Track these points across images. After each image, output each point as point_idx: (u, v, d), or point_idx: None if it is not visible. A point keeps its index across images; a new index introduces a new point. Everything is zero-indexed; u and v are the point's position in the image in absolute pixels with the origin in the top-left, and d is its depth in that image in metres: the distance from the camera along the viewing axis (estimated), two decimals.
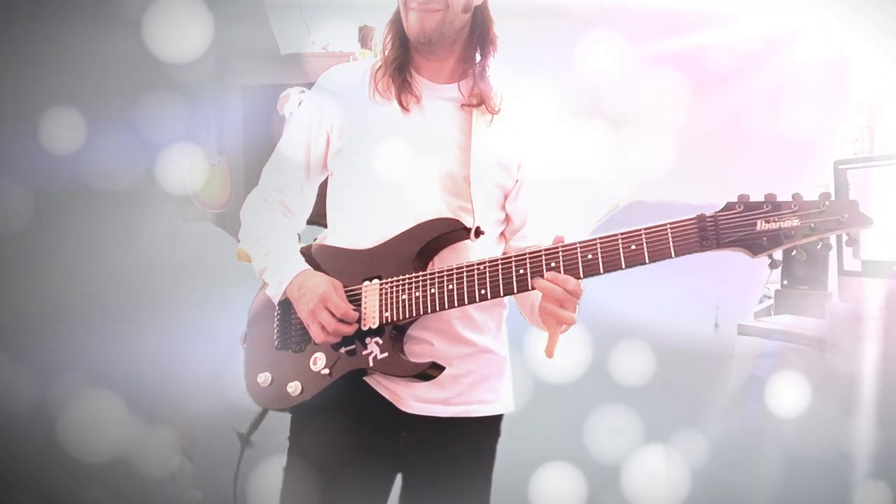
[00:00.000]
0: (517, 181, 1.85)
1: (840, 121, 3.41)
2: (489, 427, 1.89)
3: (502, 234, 1.89)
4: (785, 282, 3.09)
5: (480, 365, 1.83)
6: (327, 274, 1.81)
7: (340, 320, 1.73)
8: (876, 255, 2.78)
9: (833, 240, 1.53)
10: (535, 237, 1.71)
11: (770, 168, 3.36)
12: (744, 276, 3.33)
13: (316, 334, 1.75)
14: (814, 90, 3.48)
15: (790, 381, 2.93)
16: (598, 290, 3.08)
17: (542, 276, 1.62)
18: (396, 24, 1.84)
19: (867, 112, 3.30)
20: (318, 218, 1.97)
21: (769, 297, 3.28)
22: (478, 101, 1.82)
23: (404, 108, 1.80)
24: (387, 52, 1.85)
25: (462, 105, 1.82)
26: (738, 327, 3.09)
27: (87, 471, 3.12)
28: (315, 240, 1.94)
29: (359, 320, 1.75)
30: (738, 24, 3.48)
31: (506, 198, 1.86)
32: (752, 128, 3.54)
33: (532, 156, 1.85)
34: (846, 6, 3.23)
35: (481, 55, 1.85)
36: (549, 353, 1.65)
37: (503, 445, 1.94)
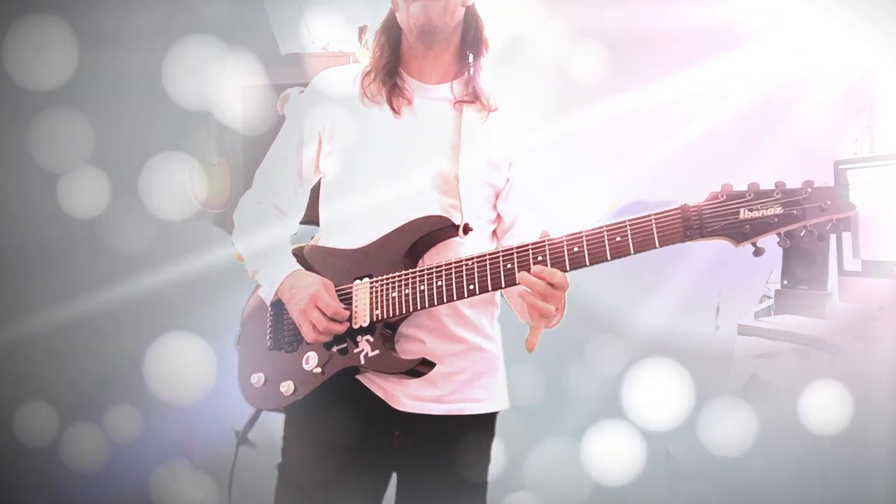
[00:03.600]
0: (508, 180, 1.86)
1: (840, 121, 3.40)
2: (483, 425, 1.89)
3: (494, 233, 1.90)
4: (785, 282, 3.08)
5: (473, 363, 1.83)
6: (319, 274, 1.81)
7: (332, 319, 1.73)
8: (876, 255, 2.77)
9: (833, 235, 1.53)
10: (525, 237, 1.70)
11: (770, 168, 3.35)
12: (744, 277, 3.33)
13: (307, 333, 1.75)
14: (814, 91, 3.48)
15: (790, 381, 2.93)
16: (599, 290, 3.09)
17: (528, 270, 1.62)
18: (388, 31, 1.86)
19: (867, 112, 3.29)
20: (314, 218, 1.97)
21: (769, 297, 3.27)
22: (472, 98, 1.84)
23: (396, 111, 1.82)
24: (376, 57, 1.86)
25: (455, 104, 1.84)
26: (738, 327, 3.09)
27: (86, 470, 3.13)
28: (312, 239, 1.95)
29: (350, 319, 1.75)
30: (739, 27, 3.47)
31: (497, 197, 1.87)
32: (752, 129, 3.54)
33: (523, 156, 1.86)
34: (847, 8, 3.22)
35: (474, 55, 1.86)
36: (530, 346, 1.66)
37: (499, 444, 1.94)
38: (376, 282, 1.75)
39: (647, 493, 3.28)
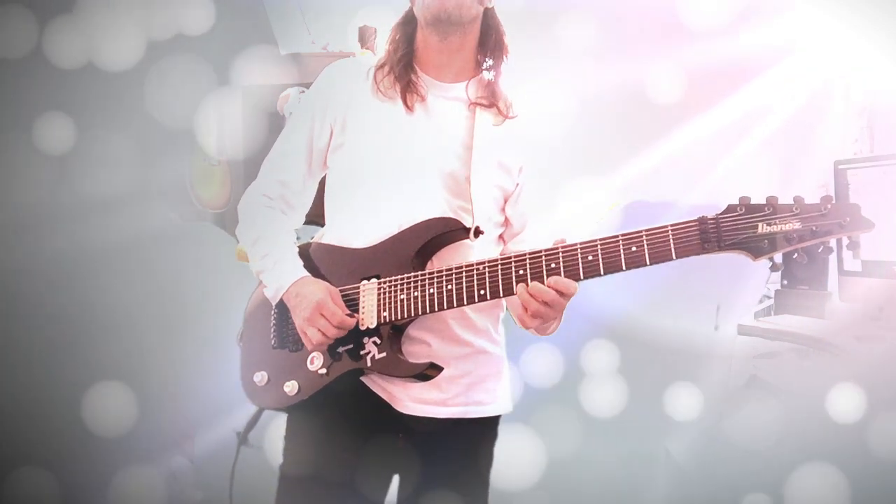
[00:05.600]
0: (518, 185, 1.85)
1: (840, 121, 3.41)
2: (487, 428, 1.89)
3: (501, 237, 1.89)
4: (785, 282, 3.08)
5: (478, 366, 1.82)
6: (325, 272, 1.80)
7: (337, 328, 1.71)
8: (876, 255, 2.78)
9: (834, 242, 1.53)
10: (533, 242, 1.70)
11: (771, 168, 3.36)
12: (744, 277, 3.33)
13: (309, 341, 1.73)
14: (814, 91, 3.48)
15: (790, 381, 2.93)
16: (599, 291, 3.09)
17: (541, 277, 1.61)
18: (404, 26, 1.85)
19: (867, 112, 3.30)
20: (316, 217, 1.96)
21: (769, 297, 3.28)
22: (489, 102, 1.82)
23: (409, 108, 1.80)
24: (391, 51, 1.85)
25: (470, 105, 1.82)
26: (738, 327, 3.08)
27: (86, 469, 3.12)
28: (312, 238, 1.92)
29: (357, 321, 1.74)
30: (739, 27, 3.47)
31: (506, 201, 1.85)
32: (753, 129, 3.54)
33: (534, 161, 1.85)
34: (847, 8, 3.23)
35: (493, 59, 1.85)
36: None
37: (501, 446, 1.93)
38: (384, 283, 1.74)
39: (647, 492, 3.29)
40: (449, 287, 1.68)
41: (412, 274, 1.72)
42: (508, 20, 1.89)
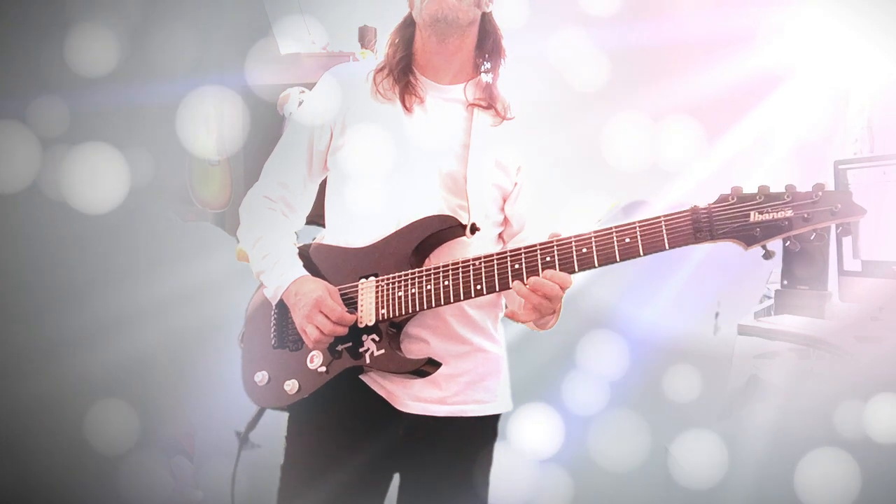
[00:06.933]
0: (516, 184, 1.86)
1: (840, 121, 3.41)
2: (486, 427, 1.88)
3: (500, 236, 1.90)
4: (785, 282, 3.08)
5: (476, 364, 1.83)
6: (324, 272, 1.82)
7: (336, 323, 1.72)
8: (876, 255, 2.78)
9: (833, 230, 1.53)
10: (532, 242, 1.68)
11: (770, 168, 3.36)
12: (744, 277, 3.34)
13: (308, 338, 1.74)
14: (814, 91, 3.49)
15: (790, 381, 2.93)
16: (600, 290, 3.09)
17: (537, 271, 1.62)
18: (403, 30, 1.87)
19: (867, 112, 3.30)
20: (317, 218, 1.97)
21: (769, 297, 3.28)
22: (487, 103, 1.84)
23: (407, 109, 1.82)
24: (390, 54, 1.87)
25: (468, 106, 1.84)
26: (738, 327, 3.08)
27: (86, 469, 3.12)
28: (314, 239, 1.94)
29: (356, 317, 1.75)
30: (738, 29, 3.48)
31: (504, 200, 1.86)
32: (753, 128, 3.55)
33: (533, 161, 1.86)
34: (847, 8, 3.23)
35: (491, 61, 1.87)
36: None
37: (501, 445, 1.93)
38: (382, 280, 1.75)
39: (646, 492, 3.28)
40: (446, 283, 1.69)
41: (409, 271, 1.73)
42: (507, 24, 1.90)
